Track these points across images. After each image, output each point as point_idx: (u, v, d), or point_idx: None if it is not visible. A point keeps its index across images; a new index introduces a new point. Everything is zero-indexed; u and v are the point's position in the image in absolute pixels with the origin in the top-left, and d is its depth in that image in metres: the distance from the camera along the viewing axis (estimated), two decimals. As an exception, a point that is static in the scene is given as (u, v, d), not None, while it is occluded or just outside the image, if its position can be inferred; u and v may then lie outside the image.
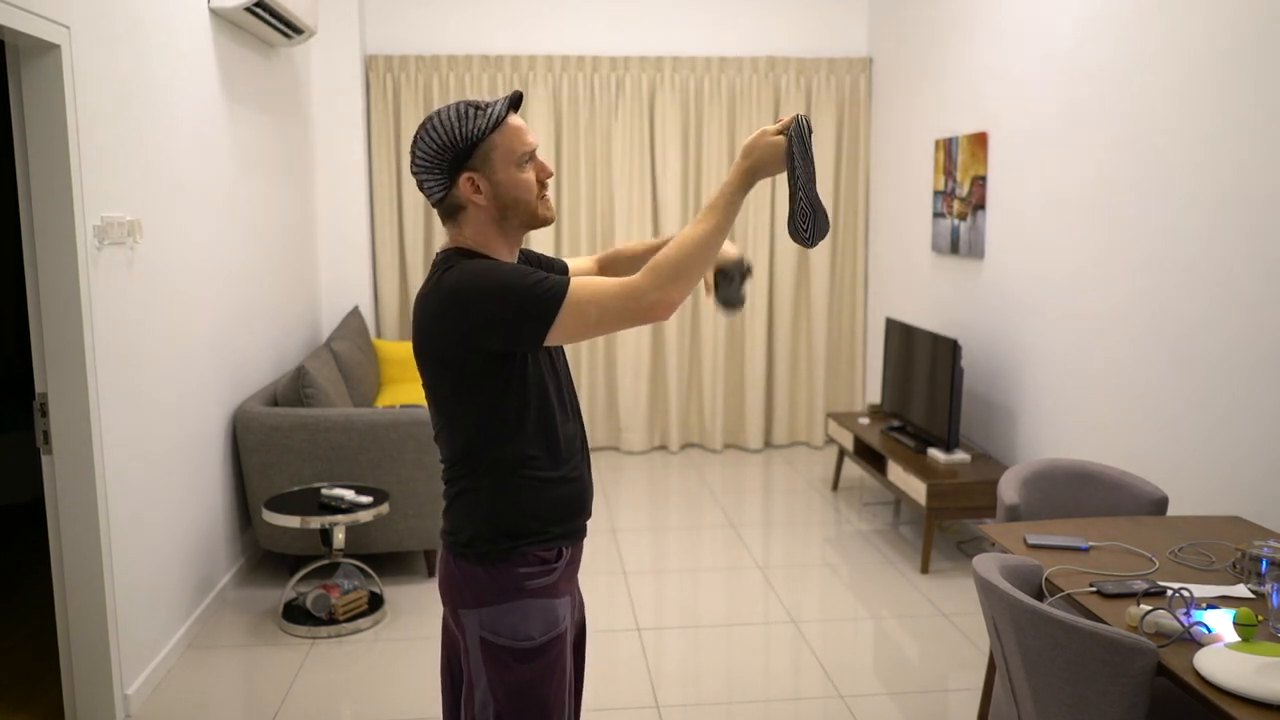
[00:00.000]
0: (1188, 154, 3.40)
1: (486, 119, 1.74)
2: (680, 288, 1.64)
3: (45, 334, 2.95)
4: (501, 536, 1.78)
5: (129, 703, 3.22)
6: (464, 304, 1.66)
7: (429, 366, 1.75)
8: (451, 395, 1.75)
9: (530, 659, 1.79)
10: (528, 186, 1.78)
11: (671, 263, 1.65)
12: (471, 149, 1.75)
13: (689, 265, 1.65)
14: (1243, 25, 3.14)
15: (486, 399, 1.74)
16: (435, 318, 1.70)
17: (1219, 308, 3.26)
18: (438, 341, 1.71)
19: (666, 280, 1.64)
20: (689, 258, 1.65)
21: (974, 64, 4.96)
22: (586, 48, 6.38)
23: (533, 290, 1.65)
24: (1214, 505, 3.30)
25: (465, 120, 1.74)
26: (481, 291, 1.65)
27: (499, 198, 1.77)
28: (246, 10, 4.22)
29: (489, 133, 1.75)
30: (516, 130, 1.77)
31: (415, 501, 4.24)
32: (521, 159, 1.77)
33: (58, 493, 3.03)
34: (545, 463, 1.80)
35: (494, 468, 1.77)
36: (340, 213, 6.17)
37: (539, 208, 1.80)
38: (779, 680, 3.46)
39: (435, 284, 1.72)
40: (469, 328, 1.67)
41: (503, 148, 1.75)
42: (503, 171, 1.76)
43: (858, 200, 6.54)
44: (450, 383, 1.74)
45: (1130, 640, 1.91)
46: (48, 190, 2.90)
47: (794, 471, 6.13)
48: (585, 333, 1.67)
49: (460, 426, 1.76)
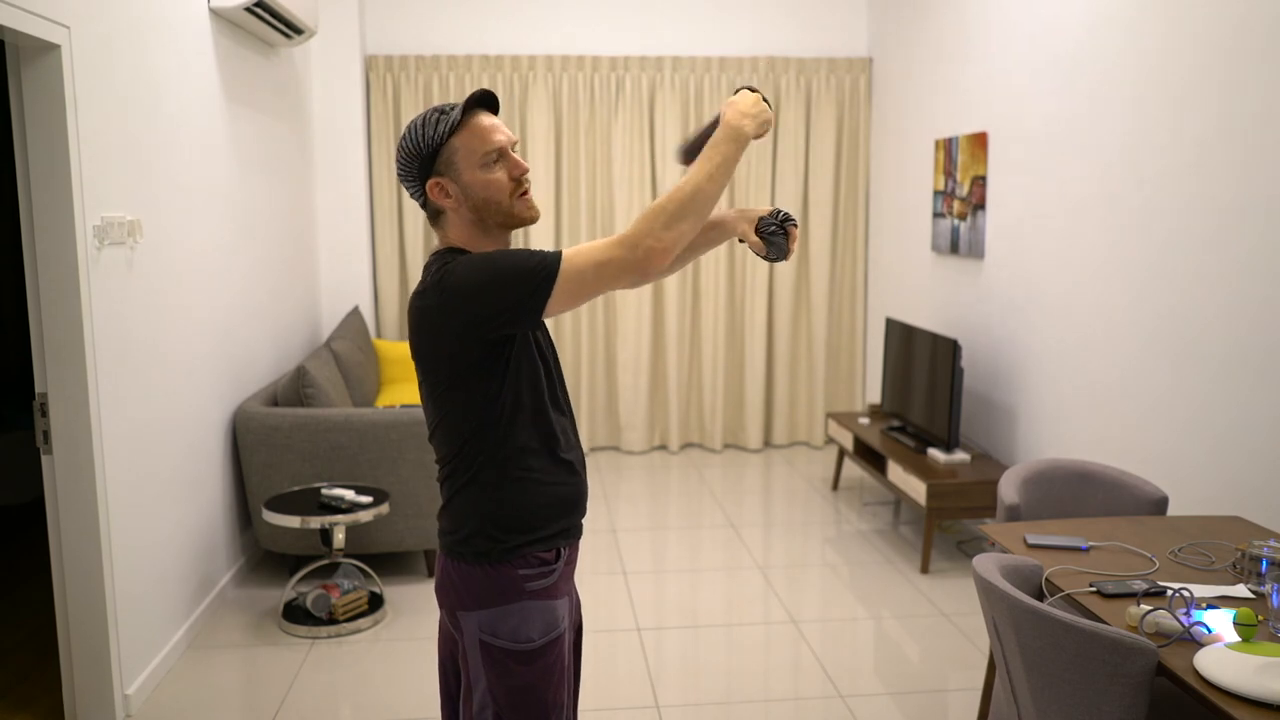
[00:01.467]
0: (1188, 154, 3.40)
1: (447, 123, 1.74)
2: (672, 235, 1.62)
3: (45, 334, 2.95)
4: (500, 533, 1.78)
5: (129, 703, 3.22)
6: (467, 293, 1.66)
7: (428, 364, 1.75)
8: (448, 391, 1.75)
9: (530, 661, 1.79)
10: (497, 186, 1.76)
11: (664, 209, 1.64)
12: (435, 154, 1.74)
13: (680, 213, 1.63)
14: (1244, 25, 3.14)
15: (483, 393, 1.74)
16: (435, 312, 1.69)
17: (1219, 307, 3.26)
18: (437, 336, 1.71)
19: (659, 227, 1.62)
20: (680, 207, 1.64)
21: (974, 64, 4.96)
22: (586, 48, 6.38)
23: (527, 263, 1.65)
24: (1214, 505, 3.30)
25: (428, 126, 1.74)
26: (483, 277, 1.66)
27: (470, 200, 1.76)
28: (246, 10, 4.22)
29: (449, 136, 1.74)
30: (480, 130, 1.75)
31: (415, 501, 4.24)
32: (487, 159, 1.75)
33: (58, 493, 3.03)
34: (542, 457, 1.81)
35: (491, 463, 1.77)
36: (340, 213, 6.17)
37: (515, 207, 1.78)
38: (779, 680, 3.47)
39: (434, 282, 1.71)
40: (474, 315, 1.67)
41: (465, 149, 1.74)
42: (468, 173, 1.75)
43: (858, 200, 6.54)
44: (447, 378, 1.74)
45: (1130, 640, 1.91)
46: (48, 190, 2.90)
47: (794, 471, 6.13)
48: (585, 293, 1.65)
49: (456, 422, 1.76)
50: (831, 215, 6.52)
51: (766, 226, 1.96)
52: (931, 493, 4.36)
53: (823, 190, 6.49)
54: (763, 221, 1.97)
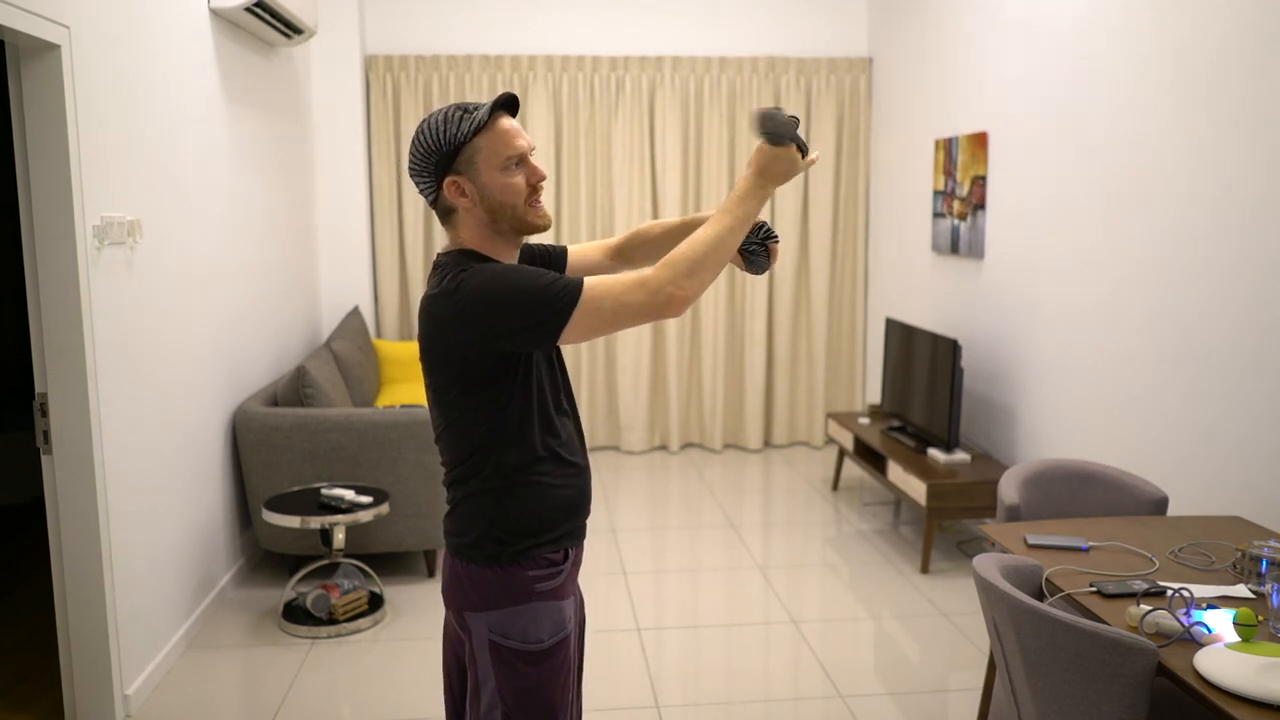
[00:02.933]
0: (1187, 154, 3.40)
1: (471, 122, 1.73)
2: (695, 283, 1.66)
3: (45, 334, 2.95)
4: (509, 538, 1.78)
5: (129, 703, 3.22)
6: (482, 308, 1.65)
7: (438, 369, 1.74)
8: (460, 398, 1.74)
9: (539, 661, 1.80)
10: (514, 190, 1.76)
11: (686, 259, 1.66)
12: (456, 152, 1.74)
13: (703, 262, 1.66)
14: (1243, 24, 3.14)
15: (495, 402, 1.74)
16: (452, 320, 1.68)
17: (1219, 307, 3.26)
18: (452, 345, 1.70)
19: (682, 275, 1.65)
20: (703, 256, 1.66)
21: (974, 64, 4.96)
22: (586, 48, 6.38)
23: (548, 290, 1.65)
24: (1214, 505, 3.30)
25: (451, 123, 1.74)
26: (499, 295, 1.65)
27: (485, 201, 1.76)
28: (246, 10, 4.22)
29: (472, 136, 1.74)
30: (504, 133, 1.75)
31: (415, 501, 4.24)
32: (508, 162, 1.75)
33: (58, 493, 3.03)
34: (550, 463, 1.81)
35: (500, 470, 1.78)
36: (340, 213, 6.17)
37: (528, 214, 1.78)
38: (779, 680, 3.46)
39: (450, 289, 1.70)
40: (487, 331, 1.66)
41: (487, 151, 1.74)
42: (487, 175, 1.75)
43: (858, 200, 6.54)
44: (460, 386, 1.73)
45: (1130, 640, 1.91)
46: (48, 190, 2.90)
47: (794, 471, 6.13)
48: (600, 329, 1.67)
49: (467, 429, 1.76)
50: (831, 215, 6.52)
51: (748, 244, 1.95)
52: (931, 493, 4.36)
53: (823, 190, 6.48)
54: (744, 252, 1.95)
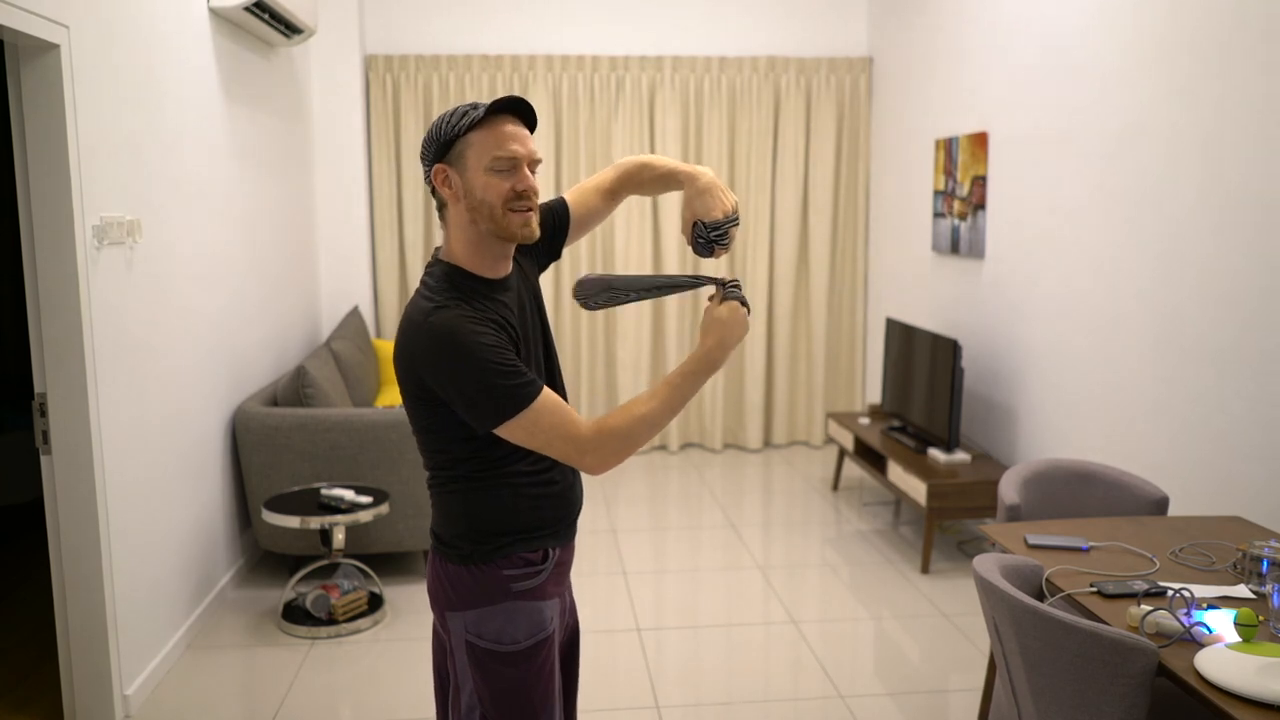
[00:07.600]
0: (1188, 153, 3.40)
1: (471, 117, 1.74)
2: (619, 458, 1.74)
3: (44, 334, 2.95)
4: (485, 536, 1.77)
5: (129, 703, 3.22)
6: (435, 365, 1.67)
7: (402, 385, 1.75)
8: (427, 410, 1.74)
9: (515, 663, 1.78)
10: (495, 191, 1.73)
11: (619, 436, 1.72)
12: (450, 143, 1.75)
13: (635, 442, 1.74)
14: (1243, 23, 3.14)
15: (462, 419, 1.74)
16: (417, 354, 1.69)
17: (1219, 306, 3.26)
18: (415, 372, 1.71)
19: (609, 452, 1.72)
20: (635, 435, 1.74)
21: (974, 64, 4.95)
22: (586, 48, 6.37)
23: (502, 388, 1.66)
24: (1215, 505, 3.30)
25: (455, 115, 1.75)
26: (456, 368, 1.65)
27: (467, 197, 1.75)
28: (246, 10, 4.22)
29: (468, 130, 1.74)
30: (500, 134, 1.74)
31: (415, 501, 4.24)
32: (496, 163, 1.73)
33: (57, 493, 3.02)
34: (528, 460, 1.80)
35: (474, 469, 1.77)
36: (340, 213, 6.16)
37: (505, 218, 1.74)
38: (779, 680, 3.46)
39: (418, 321, 1.69)
40: (432, 382, 1.69)
41: (479, 146, 1.73)
42: (473, 171, 1.74)
43: (858, 200, 6.54)
44: (425, 405, 1.74)
45: (1131, 640, 1.90)
46: (47, 190, 2.90)
47: (794, 471, 6.13)
48: (526, 444, 1.72)
49: (440, 429, 1.75)
50: (831, 215, 6.51)
51: (698, 236, 1.93)
52: (932, 493, 4.36)
53: (823, 190, 6.48)
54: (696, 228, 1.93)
